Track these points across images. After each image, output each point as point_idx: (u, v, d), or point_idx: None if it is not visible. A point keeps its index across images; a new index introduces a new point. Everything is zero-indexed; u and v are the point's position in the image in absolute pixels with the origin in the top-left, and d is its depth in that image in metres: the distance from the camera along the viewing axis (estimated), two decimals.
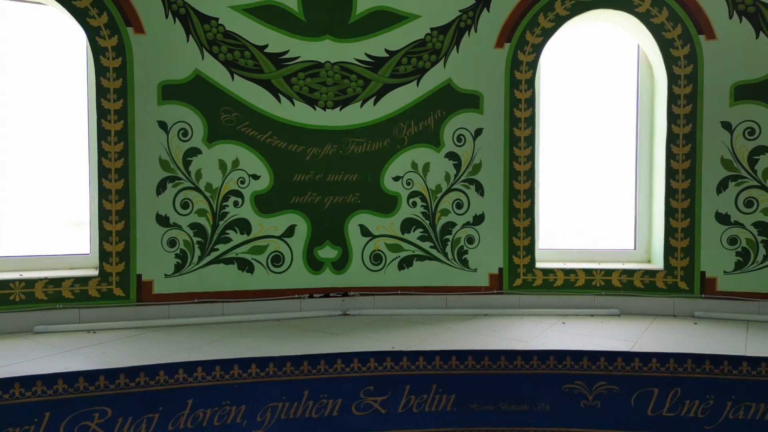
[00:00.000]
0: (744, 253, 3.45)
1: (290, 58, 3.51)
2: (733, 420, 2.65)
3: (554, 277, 3.66)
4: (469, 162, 3.67)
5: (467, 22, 3.61)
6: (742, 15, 3.39)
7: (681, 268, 3.54)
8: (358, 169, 3.61)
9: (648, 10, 3.50)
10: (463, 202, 3.68)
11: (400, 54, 3.61)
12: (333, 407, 2.64)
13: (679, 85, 3.50)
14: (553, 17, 3.58)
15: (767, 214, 3.39)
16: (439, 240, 3.69)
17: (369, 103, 3.61)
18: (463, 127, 3.65)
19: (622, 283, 3.61)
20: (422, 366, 2.72)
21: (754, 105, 3.39)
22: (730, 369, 2.65)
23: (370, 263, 3.65)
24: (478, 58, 3.61)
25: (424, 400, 2.72)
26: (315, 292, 3.58)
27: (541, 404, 2.74)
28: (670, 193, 3.54)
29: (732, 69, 3.41)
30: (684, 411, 2.68)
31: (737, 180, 3.44)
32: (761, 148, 3.39)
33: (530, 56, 3.60)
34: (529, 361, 2.74)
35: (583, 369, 2.73)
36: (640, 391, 2.70)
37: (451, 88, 3.64)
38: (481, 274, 3.68)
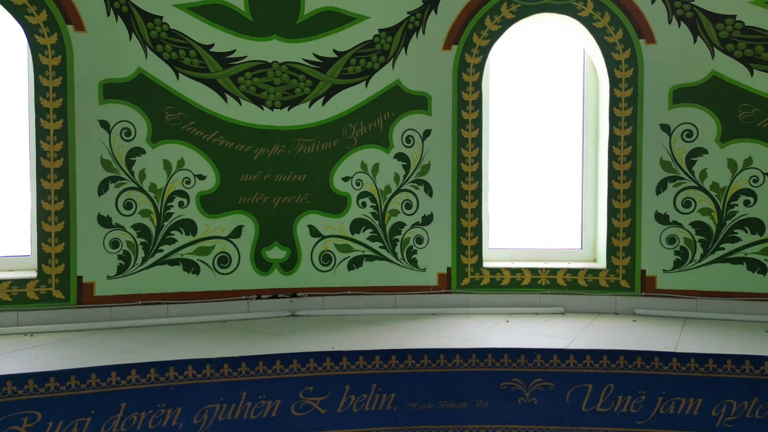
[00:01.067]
0: (682, 252, 3.55)
1: (237, 57, 3.49)
2: (664, 415, 2.73)
3: (501, 276, 3.72)
4: (418, 163, 3.70)
5: (415, 24, 3.64)
6: (681, 20, 3.49)
7: (623, 266, 3.63)
8: (307, 170, 3.60)
9: (590, 15, 3.57)
10: (413, 202, 3.70)
11: (348, 55, 3.62)
12: (272, 408, 2.64)
13: (620, 88, 3.58)
14: (499, 20, 3.63)
15: (704, 214, 3.51)
16: (389, 240, 3.71)
17: (318, 104, 3.61)
18: (411, 129, 3.68)
19: (566, 282, 3.69)
20: (362, 366, 2.73)
21: (691, 108, 3.49)
22: (661, 365, 2.73)
23: (320, 264, 3.65)
24: (426, 60, 3.64)
25: (364, 400, 2.74)
26: (263, 293, 3.57)
27: (479, 402, 2.78)
28: (612, 194, 3.63)
29: (671, 72, 3.51)
30: (617, 406, 2.75)
31: (676, 181, 3.54)
32: (698, 149, 3.50)
33: (477, 59, 3.65)
34: (468, 359, 2.78)
35: (520, 366, 2.78)
36: (575, 388, 2.77)
37: (399, 90, 3.66)
38: (429, 274, 3.71)
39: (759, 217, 3.40)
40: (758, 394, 2.64)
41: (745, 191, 3.43)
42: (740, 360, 2.66)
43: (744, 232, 3.44)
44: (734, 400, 2.66)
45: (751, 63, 3.39)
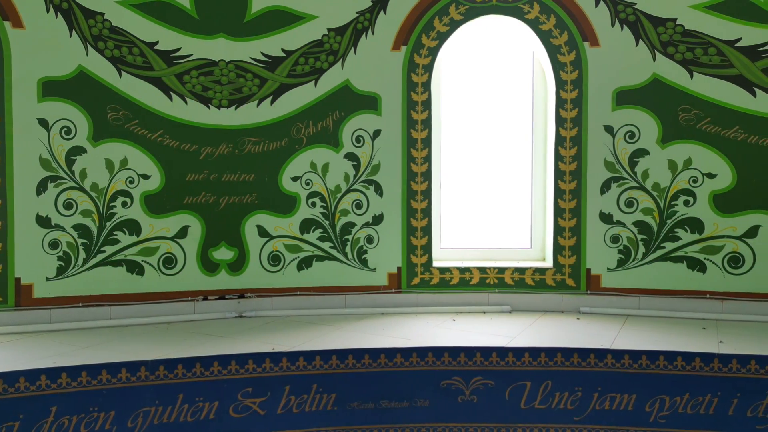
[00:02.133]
0: (625, 251, 3.62)
1: (182, 55, 3.44)
2: (600, 410, 2.77)
3: (450, 275, 3.74)
4: (368, 163, 3.70)
5: (364, 24, 3.65)
6: (624, 23, 3.56)
7: (568, 265, 3.69)
8: (255, 169, 3.58)
9: (536, 17, 3.63)
10: (363, 202, 3.71)
11: (297, 54, 3.60)
12: (209, 410, 2.61)
13: (566, 90, 3.64)
14: (447, 21, 3.66)
15: (646, 214, 3.59)
16: (339, 240, 3.70)
17: (266, 103, 3.59)
18: (361, 128, 3.68)
19: (514, 281, 3.73)
20: (302, 366, 2.72)
21: (634, 110, 3.57)
22: (596, 362, 2.79)
23: (268, 264, 3.63)
24: (375, 60, 3.65)
25: (305, 400, 2.73)
26: (210, 294, 3.53)
27: (420, 401, 2.79)
28: (558, 194, 3.68)
29: (614, 75, 3.57)
30: (554, 403, 2.79)
31: (619, 181, 3.61)
32: (641, 150, 3.58)
33: (426, 59, 3.67)
34: (409, 358, 2.79)
35: (461, 365, 2.80)
36: (514, 385, 2.80)
37: (349, 89, 3.66)
38: (380, 274, 3.72)
39: (698, 217, 3.49)
40: (689, 390, 2.70)
41: (685, 191, 3.52)
42: (672, 356, 2.73)
43: (684, 231, 3.53)
44: (667, 395, 2.72)
45: (691, 66, 3.48)
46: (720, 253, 3.47)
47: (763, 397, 2.64)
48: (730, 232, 3.45)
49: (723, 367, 2.67)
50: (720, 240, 3.47)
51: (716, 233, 3.47)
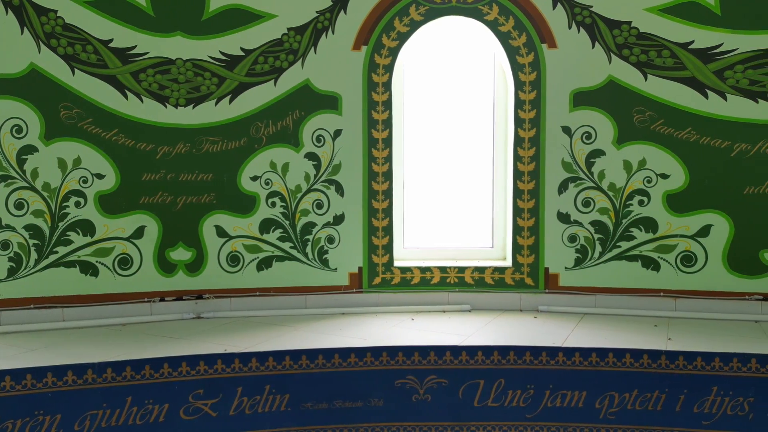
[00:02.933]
0: (582, 250, 3.67)
1: (138, 53, 3.39)
2: (552, 408, 2.81)
3: (411, 275, 3.76)
4: (329, 162, 3.69)
5: (324, 24, 3.64)
6: (580, 26, 3.61)
7: (527, 264, 3.73)
8: (213, 169, 3.54)
9: (496, 19, 3.65)
10: (324, 202, 3.70)
11: (256, 53, 3.57)
12: (159, 413, 2.58)
13: (524, 91, 3.68)
14: (408, 22, 3.66)
15: (602, 214, 3.64)
16: (300, 240, 3.69)
17: (224, 102, 3.55)
18: (322, 128, 3.67)
19: (474, 280, 3.76)
20: (255, 367, 2.71)
21: (590, 111, 3.61)
22: (548, 359, 2.82)
23: (227, 264, 3.59)
24: (335, 60, 3.64)
25: (257, 402, 2.71)
26: (167, 295, 3.48)
27: (374, 400, 2.80)
28: (517, 194, 3.71)
29: (571, 76, 3.62)
30: (507, 401, 2.82)
31: (576, 181, 3.66)
32: (597, 151, 3.63)
33: (387, 59, 3.67)
34: (363, 358, 2.80)
35: (415, 364, 2.82)
36: (468, 384, 2.82)
37: (309, 89, 3.64)
38: (341, 274, 3.71)
39: (652, 216, 3.55)
40: (638, 386, 2.76)
41: (639, 191, 3.58)
42: (621, 353, 2.77)
43: (639, 230, 3.59)
44: (616, 392, 2.77)
45: (645, 68, 3.54)
46: (673, 252, 3.54)
47: (709, 393, 2.70)
48: (683, 231, 3.53)
49: (670, 363, 2.73)
50: (673, 239, 3.54)
51: (669, 232, 3.55)
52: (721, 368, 2.67)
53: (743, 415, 2.66)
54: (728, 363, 2.67)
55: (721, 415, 2.68)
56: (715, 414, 2.69)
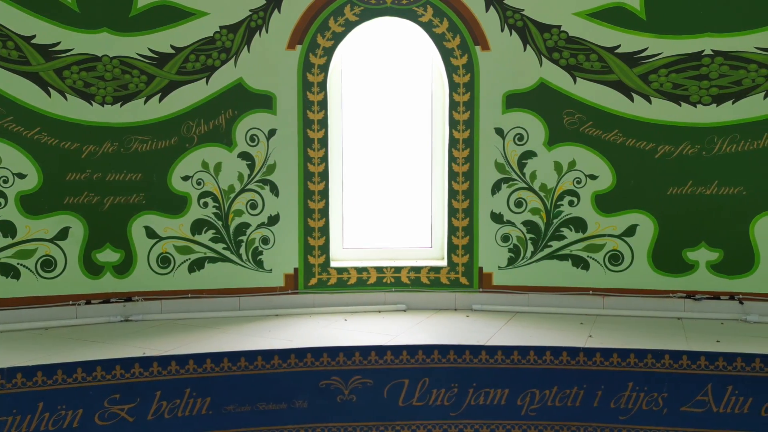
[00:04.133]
0: (515, 250, 3.73)
1: (62, 50, 3.30)
2: (475, 406, 2.85)
3: (348, 275, 3.75)
4: (263, 162, 3.66)
5: (258, 23, 3.60)
6: (512, 29, 3.66)
7: (462, 264, 3.77)
8: (142, 168, 3.48)
9: (430, 20, 3.68)
10: (258, 202, 3.66)
11: (187, 51, 3.51)
12: (73, 418, 2.51)
13: (458, 93, 3.71)
14: (343, 22, 3.66)
15: (534, 214, 3.71)
16: (233, 241, 3.65)
17: (154, 100, 3.48)
18: (256, 128, 3.63)
19: (410, 280, 3.78)
20: (174, 371, 2.66)
21: (522, 113, 3.67)
22: (471, 358, 2.86)
23: (158, 266, 3.53)
24: (270, 59, 3.61)
25: (177, 405, 2.67)
26: (93, 297, 3.40)
27: (298, 402, 2.78)
28: (452, 194, 3.75)
29: (504, 79, 3.67)
30: (432, 400, 2.84)
31: (509, 182, 3.71)
32: (529, 152, 3.68)
33: (322, 59, 3.66)
34: (287, 359, 2.78)
35: (339, 365, 2.81)
36: (393, 383, 2.83)
37: (242, 88, 3.60)
38: (276, 275, 3.69)
39: (582, 216, 3.62)
40: (558, 383, 2.81)
41: (569, 192, 3.65)
42: (541, 351, 2.83)
43: (569, 230, 3.67)
44: (537, 389, 2.82)
45: (575, 71, 3.61)
46: (601, 251, 3.62)
47: (625, 389, 2.77)
48: (611, 231, 3.61)
49: (588, 360, 2.79)
50: (601, 239, 3.63)
51: (598, 232, 3.63)
52: (636, 364, 2.75)
53: (657, 410, 2.74)
54: (643, 359, 2.75)
55: (636, 410, 2.75)
56: (631, 409, 2.76)
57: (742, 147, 3.40)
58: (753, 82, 3.38)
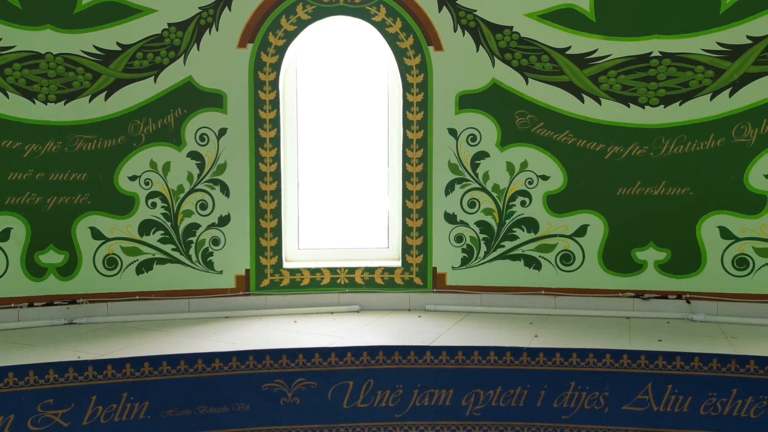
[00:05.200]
0: (468, 250, 3.73)
1: (3, 47, 3.21)
2: (420, 407, 2.83)
3: (301, 276, 3.72)
4: (214, 162, 3.60)
5: (208, 20, 3.55)
6: (465, 29, 3.67)
7: (416, 264, 3.75)
8: (87, 168, 3.41)
9: (383, 20, 3.66)
10: (208, 202, 3.61)
11: (134, 48, 3.45)
12: (4, 424, 2.44)
13: (412, 93, 3.70)
14: (295, 21, 3.63)
15: (487, 214, 3.71)
16: (182, 242, 3.58)
17: (99, 98, 3.41)
18: (206, 127, 3.57)
19: (364, 281, 3.76)
20: (111, 375, 2.61)
21: (475, 114, 3.67)
22: (416, 359, 2.85)
23: (104, 268, 3.46)
24: (220, 57, 3.56)
25: (114, 410, 2.61)
26: (36, 300, 3.32)
27: (240, 405, 2.74)
28: (406, 195, 3.73)
29: (457, 79, 3.67)
30: (377, 401, 2.82)
31: (462, 183, 3.71)
32: (482, 153, 3.68)
33: (273, 58, 3.63)
34: (228, 362, 2.74)
35: (283, 367, 2.78)
36: (337, 385, 2.81)
37: (192, 86, 3.54)
38: (227, 276, 3.63)
39: (533, 217, 3.64)
40: (502, 383, 2.81)
41: (521, 192, 3.66)
42: (485, 351, 2.83)
43: (521, 230, 3.68)
44: (481, 389, 2.82)
45: (526, 72, 3.63)
46: (553, 251, 3.64)
47: (568, 388, 2.78)
48: (562, 231, 3.63)
49: (531, 360, 2.80)
50: (553, 239, 3.64)
51: (549, 232, 3.65)
52: (579, 364, 2.76)
53: (599, 409, 2.75)
54: (585, 359, 2.76)
55: (579, 409, 2.76)
56: (574, 408, 2.77)
57: (689, 148, 3.46)
58: (700, 83, 3.44)
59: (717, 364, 2.64)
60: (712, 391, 2.64)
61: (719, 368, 2.63)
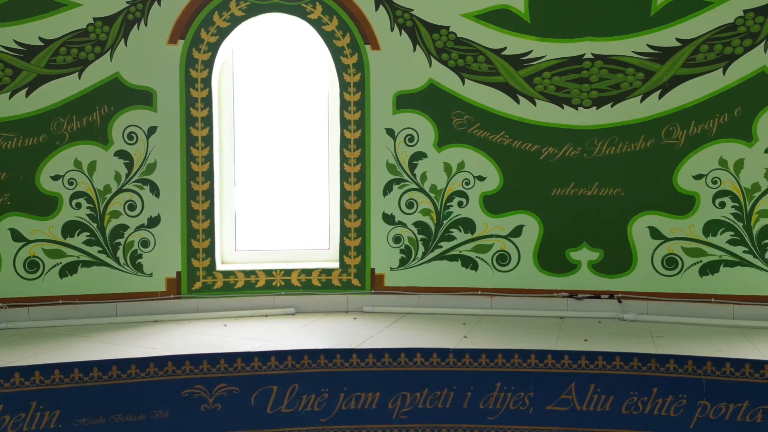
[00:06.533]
0: (407, 251, 3.71)
1: None
2: (346, 410, 2.78)
3: (235, 279, 3.63)
4: (143, 161, 3.50)
5: (136, 15, 3.44)
6: (402, 28, 3.64)
7: (354, 266, 3.71)
8: (7, 167, 3.27)
9: (319, 18, 3.61)
10: (137, 203, 3.50)
11: (57, 43, 3.32)
12: None
13: (349, 92, 3.66)
14: (228, 17, 3.55)
15: (425, 215, 3.69)
16: (109, 244, 3.47)
17: (20, 95, 3.27)
18: (134, 125, 3.46)
19: (301, 283, 3.70)
20: (18, 383, 2.48)
21: (413, 114, 3.64)
22: (342, 362, 2.80)
23: (24, 271, 3.31)
24: (149, 54, 3.46)
25: (22, 419, 2.48)
26: None
27: (158, 412, 2.65)
28: (344, 195, 3.69)
29: (394, 79, 3.64)
30: (302, 406, 2.76)
31: (400, 183, 3.68)
32: (419, 153, 3.66)
33: (206, 55, 3.54)
34: (145, 368, 2.64)
35: (203, 373, 2.69)
36: (260, 390, 2.73)
37: (119, 83, 3.43)
38: (156, 279, 3.52)
39: (470, 217, 3.63)
40: (428, 385, 2.78)
41: (458, 193, 3.65)
42: (412, 353, 2.79)
43: (458, 231, 3.67)
44: (408, 391, 2.78)
45: (463, 72, 3.62)
46: (489, 251, 3.64)
47: (493, 389, 2.77)
48: (498, 231, 3.64)
49: (457, 361, 2.78)
50: (489, 239, 3.65)
51: (486, 233, 3.65)
52: (504, 364, 2.75)
53: (524, 409, 2.75)
54: (510, 359, 2.75)
55: (504, 410, 2.75)
56: (499, 409, 2.76)
57: (620, 149, 3.50)
58: (630, 85, 3.48)
59: (638, 363, 2.66)
60: (634, 390, 2.66)
61: (640, 367, 2.66)
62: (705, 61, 3.37)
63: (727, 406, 2.60)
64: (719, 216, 3.38)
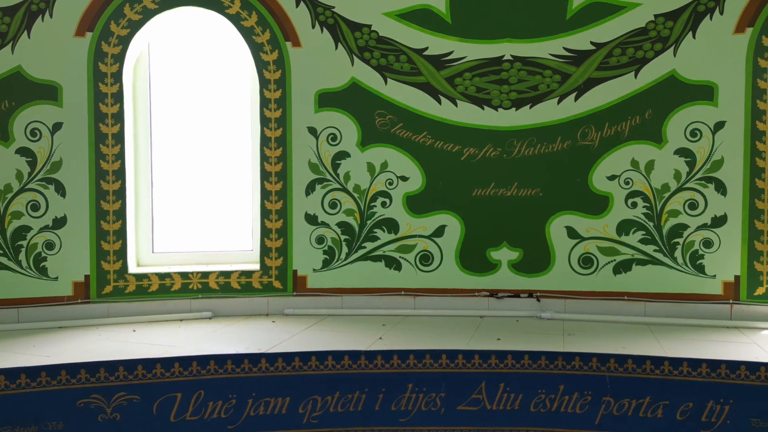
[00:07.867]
0: (330, 251, 3.65)
1: None
2: (255, 416, 2.69)
3: (149, 282, 3.49)
4: (47, 159, 3.31)
5: (40, 6, 3.26)
6: (323, 26, 3.59)
7: (275, 267, 3.63)
8: None
9: (238, 13, 3.52)
10: (40, 203, 3.31)
11: None
12: None
13: (269, 90, 3.58)
14: (140, 9, 3.40)
15: (348, 215, 3.65)
16: (11, 247, 3.26)
17: None
18: (38, 121, 3.28)
19: (219, 286, 3.58)
20: None
21: (335, 112, 3.60)
22: (251, 367, 2.69)
23: None
24: (54, 46, 3.29)
25: None
26: None
27: (52, 423, 2.50)
28: (265, 195, 3.61)
29: (316, 77, 3.58)
30: (207, 413, 2.66)
31: (323, 183, 3.62)
32: (342, 153, 3.61)
33: (116, 48, 3.39)
34: (36, 378, 2.49)
35: (101, 381, 2.56)
36: (163, 398, 2.62)
37: (21, 77, 3.25)
38: (63, 283, 3.35)
39: (394, 217, 3.60)
40: (340, 388, 2.72)
41: (382, 193, 3.61)
42: (323, 356, 2.73)
43: (382, 231, 3.64)
44: (319, 395, 2.72)
45: (385, 72, 3.59)
46: (413, 251, 3.62)
47: (405, 390, 2.75)
48: (421, 231, 3.62)
49: (369, 363, 2.74)
50: (412, 239, 3.63)
51: (409, 233, 3.63)
52: (416, 365, 2.73)
53: (436, 410, 2.73)
54: (421, 360, 2.73)
55: (416, 411, 2.73)
56: (411, 411, 2.74)
57: (538, 150, 3.55)
58: (548, 87, 3.54)
59: (545, 362, 2.69)
60: (541, 388, 2.69)
61: (547, 365, 2.69)
62: (618, 64, 3.47)
63: (630, 402, 2.66)
64: (631, 216, 3.48)
